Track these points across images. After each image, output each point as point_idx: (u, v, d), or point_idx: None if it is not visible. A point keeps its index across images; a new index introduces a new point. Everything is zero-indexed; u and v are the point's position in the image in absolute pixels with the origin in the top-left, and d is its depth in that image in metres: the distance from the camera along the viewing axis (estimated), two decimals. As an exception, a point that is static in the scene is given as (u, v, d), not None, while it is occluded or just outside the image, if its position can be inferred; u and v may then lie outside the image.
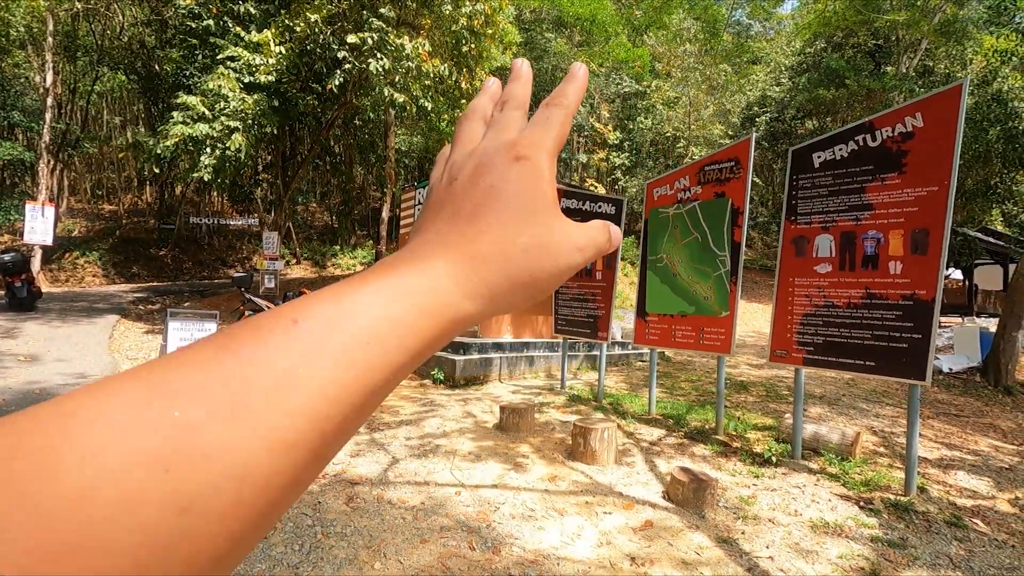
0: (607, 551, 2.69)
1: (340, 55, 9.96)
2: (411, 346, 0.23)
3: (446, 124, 12.61)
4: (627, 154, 25.45)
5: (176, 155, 10.01)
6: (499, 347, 7.72)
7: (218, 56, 10.08)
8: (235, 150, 9.67)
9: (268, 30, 10.02)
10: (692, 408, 5.67)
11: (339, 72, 10.09)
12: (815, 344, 3.95)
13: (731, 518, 3.12)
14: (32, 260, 13.52)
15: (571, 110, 0.31)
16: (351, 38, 9.53)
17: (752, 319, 18.91)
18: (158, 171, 13.41)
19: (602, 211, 6.16)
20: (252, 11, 10.88)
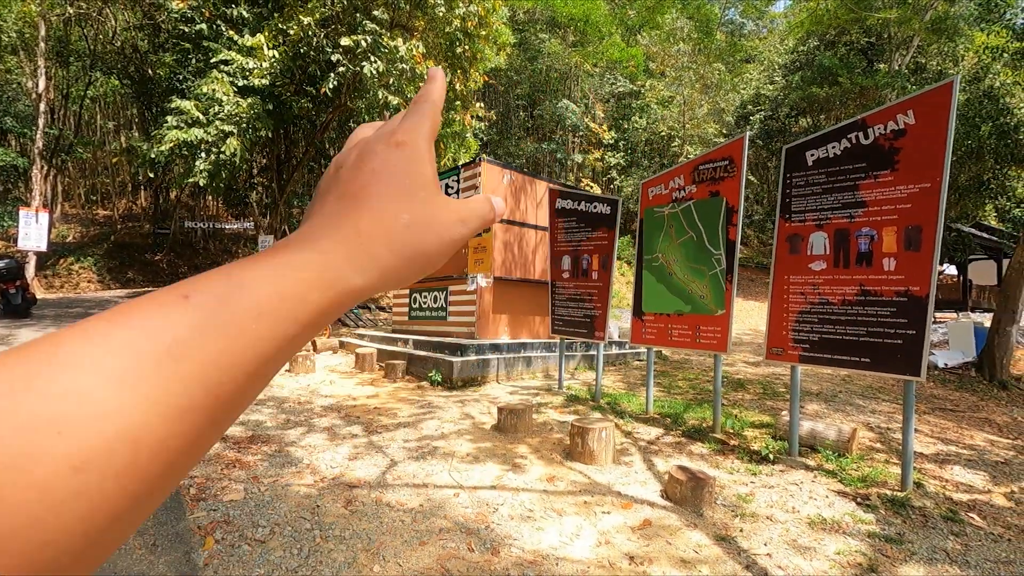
0: (606, 551, 2.70)
1: (334, 58, 9.96)
2: (302, 318, 0.25)
3: (441, 125, 12.60)
4: (622, 154, 25.51)
5: (171, 159, 9.99)
6: (496, 348, 7.71)
7: (211, 60, 10.06)
8: (230, 154, 9.65)
9: (261, 34, 10.01)
10: (689, 407, 5.69)
11: (333, 75, 10.08)
12: (811, 341, 3.96)
13: (729, 516, 3.13)
14: (26, 266, 13.47)
15: (437, 105, 0.34)
16: (345, 41, 9.53)
17: (748, 317, 18.97)
18: (152, 176, 13.34)
19: (598, 211, 6.18)
20: (245, 15, 10.85)
